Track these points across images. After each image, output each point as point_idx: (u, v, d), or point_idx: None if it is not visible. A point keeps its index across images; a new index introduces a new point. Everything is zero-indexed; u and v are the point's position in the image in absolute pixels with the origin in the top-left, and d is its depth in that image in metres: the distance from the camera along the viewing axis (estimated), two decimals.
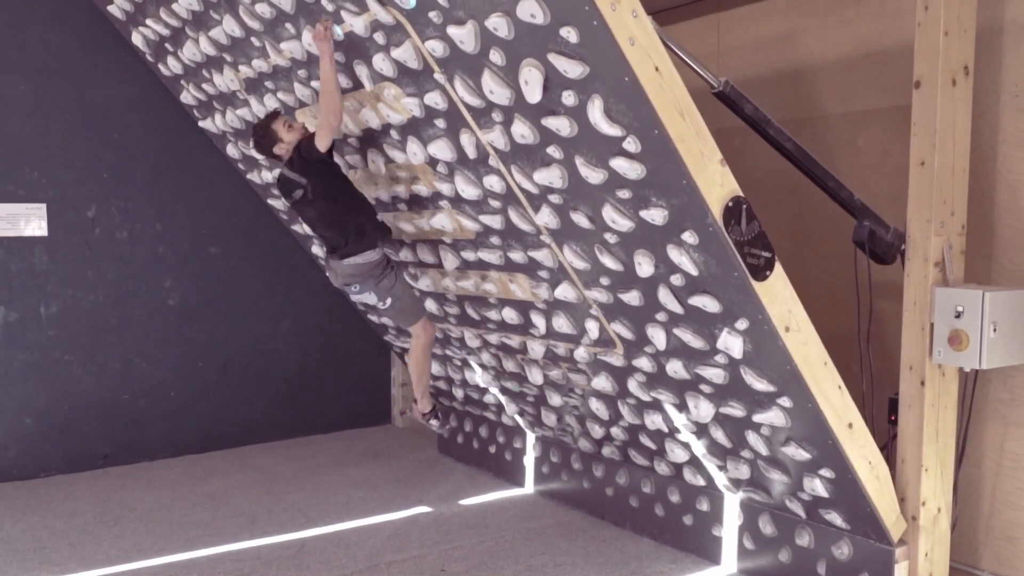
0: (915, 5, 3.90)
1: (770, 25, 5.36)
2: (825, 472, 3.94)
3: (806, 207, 5.16)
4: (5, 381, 6.04)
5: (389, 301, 4.89)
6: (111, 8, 5.73)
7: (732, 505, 4.62)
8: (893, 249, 4.06)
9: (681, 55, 3.56)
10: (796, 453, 3.96)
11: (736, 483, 4.50)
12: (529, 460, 5.96)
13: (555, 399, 5.21)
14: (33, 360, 6.13)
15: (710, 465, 4.55)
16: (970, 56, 3.90)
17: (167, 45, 5.60)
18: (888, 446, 4.27)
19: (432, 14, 3.53)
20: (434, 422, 5.51)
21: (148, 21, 5.48)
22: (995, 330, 3.82)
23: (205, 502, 5.69)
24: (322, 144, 4.38)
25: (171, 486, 6.02)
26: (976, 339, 3.81)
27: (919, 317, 4.00)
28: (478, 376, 5.85)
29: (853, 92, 4.94)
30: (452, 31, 3.46)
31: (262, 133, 4.64)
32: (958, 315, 3.84)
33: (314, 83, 4.67)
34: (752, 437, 4.10)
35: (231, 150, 6.21)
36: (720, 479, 4.58)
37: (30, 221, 6.08)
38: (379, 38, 3.94)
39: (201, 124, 6.21)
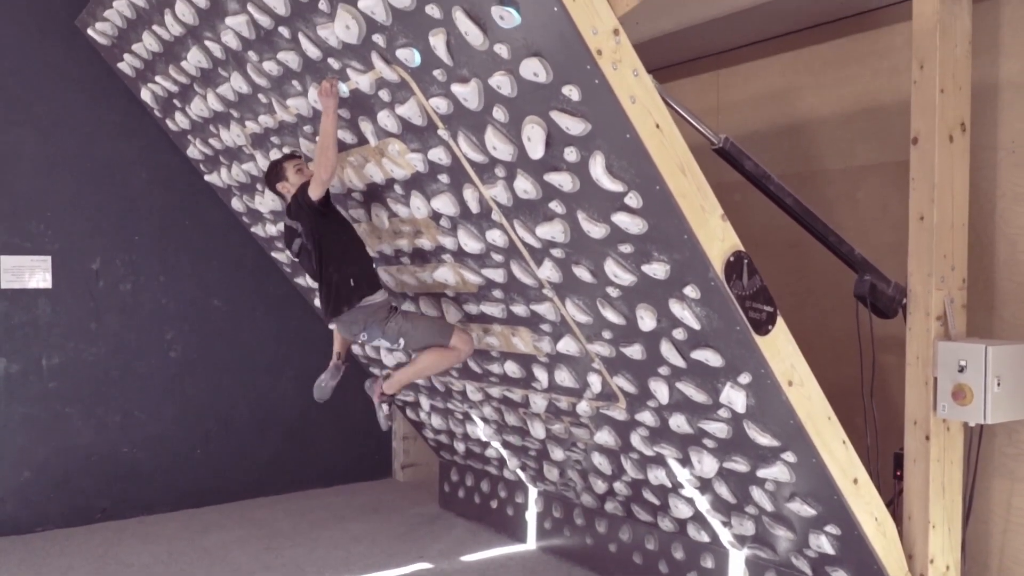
0: (910, 63, 3.97)
1: (768, 82, 5.44)
2: (831, 529, 3.90)
3: (807, 261, 5.18)
4: (5, 433, 6.01)
5: (402, 342, 4.74)
6: (121, 65, 5.83)
7: (737, 562, 4.56)
8: (895, 303, 4.07)
9: (682, 112, 3.61)
10: (801, 509, 3.92)
11: (741, 539, 4.45)
12: (531, 515, 5.90)
13: (557, 453, 5.18)
14: (33, 413, 6.11)
15: (714, 521, 4.50)
16: (966, 113, 3.96)
17: (175, 101, 5.68)
18: (894, 502, 4.23)
19: (436, 72, 3.59)
20: (384, 408, 5.13)
21: (157, 78, 5.57)
22: (999, 384, 3.81)
23: (202, 558, 5.62)
24: (313, 193, 4.38)
25: (169, 541, 5.96)
26: (980, 393, 3.80)
27: (922, 371, 3.99)
28: (480, 430, 5.82)
29: (852, 147, 5.00)
30: (456, 89, 3.52)
31: (273, 167, 4.73)
32: (961, 369, 3.84)
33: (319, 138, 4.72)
34: (757, 493, 4.07)
35: (236, 203, 6.26)
36: (725, 535, 4.53)
37: (35, 273, 6.11)
38: (384, 95, 4.00)
39: (207, 178, 6.28)
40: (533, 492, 5.87)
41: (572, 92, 3.12)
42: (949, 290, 3.96)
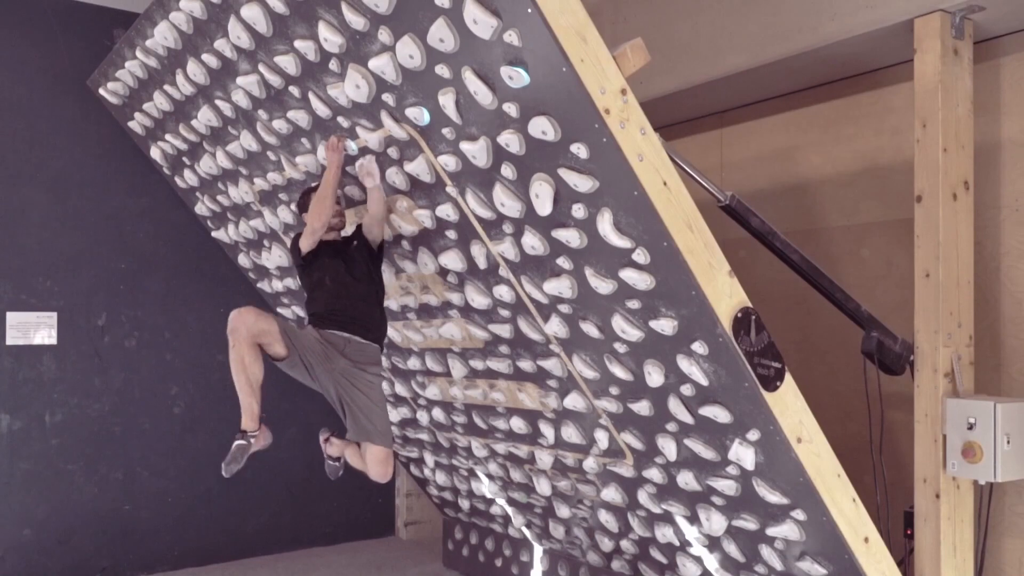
0: (911, 123, 4.03)
1: (771, 140, 5.51)
2: None
3: (813, 318, 5.19)
4: (6, 491, 5.96)
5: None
6: (131, 124, 5.91)
7: None
8: (902, 360, 4.07)
9: (688, 170, 3.65)
10: (812, 568, 3.87)
11: None
12: (536, 574, 5.81)
13: (563, 510, 5.12)
14: (35, 469, 6.06)
15: None
16: (969, 171, 4.01)
17: (184, 159, 5.75)
18: (905, 561, 4.18)
19: (445, 130, 3.64)
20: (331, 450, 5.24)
21: (167, 136, 5.65)
22: (1008, 442, 3.79)
23: None
24: (304, 244, 4.35)
25: None
26: (990, 451, 3.78)
27: (931, 429, 3.98)
28: (485, 486, 5.76)
29: (855, 205, 5.04)
30: (464, 147, 3.57)
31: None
32: (971, 427, 3.83)
33: None
34: (766, 551, 4.02)
35: (243, 259, 6.29)
36: None
37: (40, 329, 6.12)
38: (393, 153, 4.05)
39: (214, 234, 6.32)
40: (538, 550, 5.80)
41: (580, 150, 3.17)
42: (956, 347, 3.96)
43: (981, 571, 4.15)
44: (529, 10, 2.91)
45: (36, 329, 6.11)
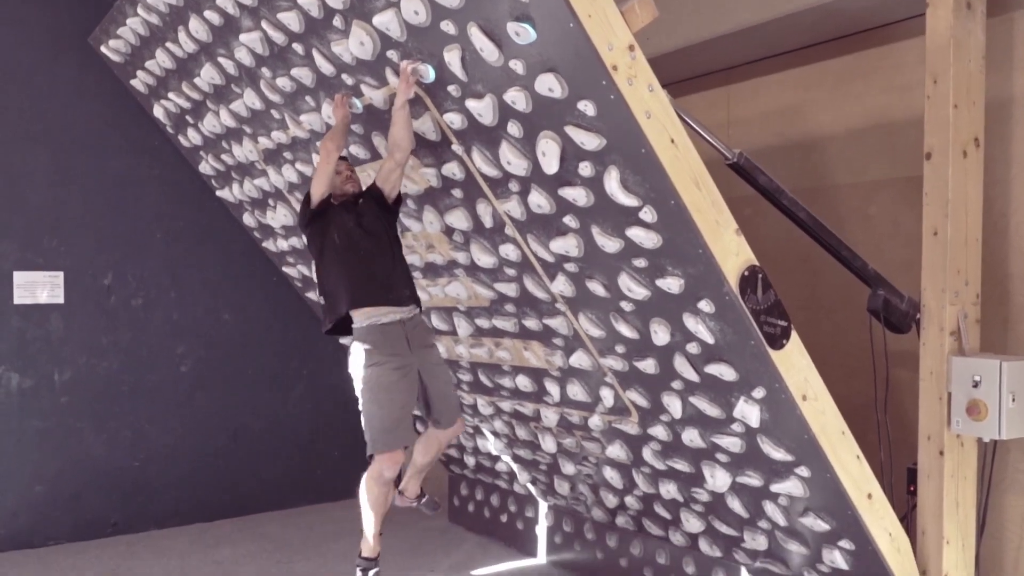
0: (921, 79, 3.99)
1: (779, 97, 5.46)
2: (845, 544, 3.89)
3: (819, 276, 5.18)
4: (18, 448, 6.02)
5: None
6: (134, 82, 5.88)
7: None
8: (908, 318, 4.07)
9: (696, 127, 3.63)
10: (815, 524, 3.91)
11: (753, 554, 4.43)
12: (541, 529, 5.88)
13: (568, 467, 5.17)
14: (46, 427, 6.12)
15: (727, 536, 4.48)
16: (980, 128, 3.97)
17: (188, 117, 5.72)
18: (908, 517, 4.22)
19: (451, 88, 3.61)
20: (423, 501, 4.90)
21: (170, 94, 5.61)
22: (1014, 400, 3.80)
23: (213, 572, 5.62)
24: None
25: (180, 555, 5.95)
26: (995, 409, 3.79)
27: (936, 387, 3.99)
28: (490, 444, 5.81)
29: (863, 163, 5.01)
30: (470, 104, 3.54)
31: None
32: (975, 385, 3.83)
33: None
34: (770, 507, 4.06)
35: (247, 219, 6.29)
36: (738, 554, 4.51)
37: (47, 289, 6.14)
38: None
39: (219, 193, 6.31)
40: (543, 506, 5.86)
41: (587, 107, 3.14)
42: (963, 305, 3.95)
43: (983, 528, 4.19)
44: None
45: (43, 288, 6.13)
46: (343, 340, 4.35)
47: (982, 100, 3.94)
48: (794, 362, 3.48)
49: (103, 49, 5.82)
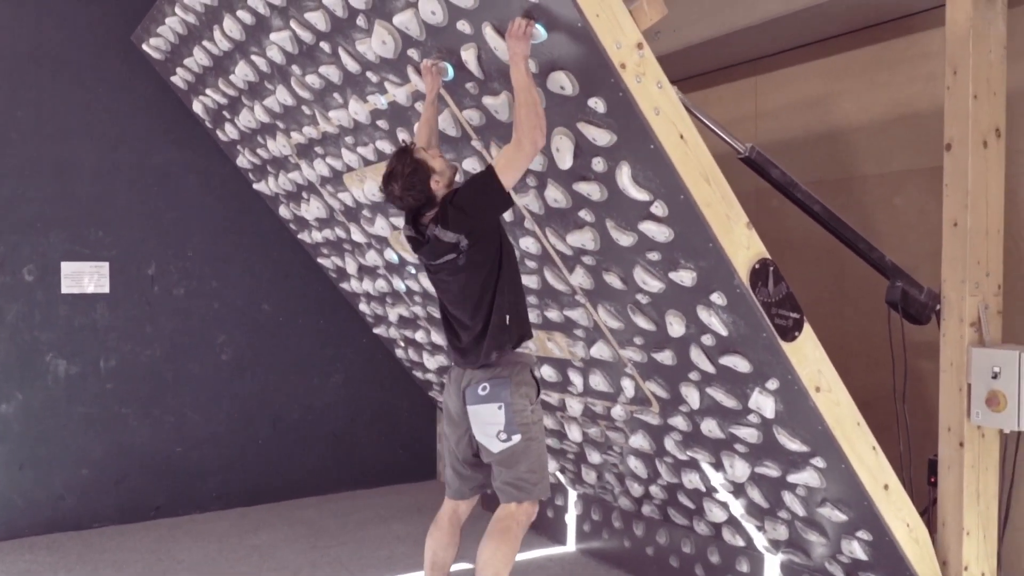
0: (945, 69, 3.97)
1: (806, 88, 5.45)
2: (863, 534, 3.91)
3: (846, 266, 5.17)
4: (65, 432, 6.27)
5: (517, 438, 3.55)
6: (174, 79, 6.05)
7: (773, 567, 4.58)
8: (927, 309, 4.07)
9: (707, 123, 3.66)
10: (833, 514, 3.94)
11: (775, 544, 4.47)
12: (571, 518, 5.97)
13: (595, 456, 5.25)
14: (91, 412, 6.36)
15: (749, 525, 4.53)
16: (1001, 119, 3.94)
17: (225, 113, 5.89)
18: (929, 509, 4.22)
19: (469, 85, 3.70)
20: None
21: (208, 91, 5.78)
22: None
23: (251, 555, 5.80)
24: (511, 178, 3.34)
25: (219, 538, 6.15)
26: (1015, 400, 3.78)
27: (956, 378, 3.98)
28: None
29: (889, 153, 4.99)
30: (487, 101, 3.62)
31: (412, 169, 3.51)
32: (995, 376, 3.82)
33: (360, 149, 4.86)
34: (788, 497, 4.09)
35: (283, 211, 6.45)
36: (759, 540, 4.55)
37: (93, 279, 6.36)
38: (420, 107, 4.11)
39: (255, 186, 6.48)
40: (572, 495, 5.95)
41: (598, 104, 3.20)
42: (983, 296, 3.94)
43: (1006, 520, 4.18)
44: None
45: (90, 278, 6.35)
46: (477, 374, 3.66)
47: (1003, 90, 3.91)
48: (807, 353, 3.51)
49: (145, 47, 6.00)
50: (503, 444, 3.50)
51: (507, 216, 4.03)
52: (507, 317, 3.50)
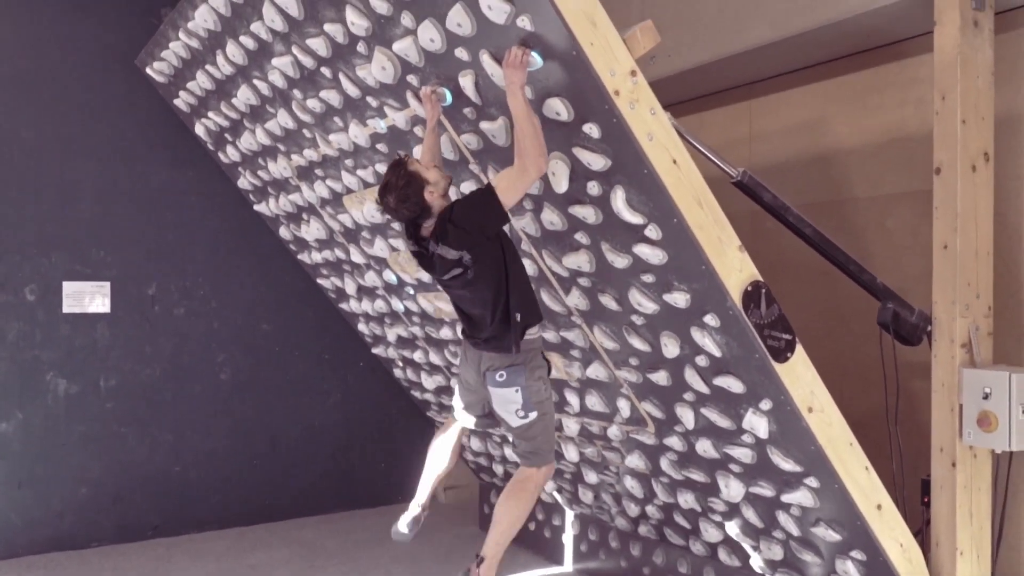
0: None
1: (799, 111, 5.53)
2: (857, 554, 3.95)
3: (840, 287, 5.21)
4: (64, 451, 6.30)
5: (533, 415, 3.80)
6: (177, 101, 6.13)
7: None
8: (918, 330, 4.12)
9: (700, 147, 3.73)
10: (826, 534, 3.97)
11: (771, 564, 4.49)
12: (568, 537, 5.99)
13: (591, 476, 5.28)
14: (91, 431, 6.39)
15: (744, 545, 4.56)
16: (989, 143, 4.01)
17: (227, 135, 5.96)
18: (923, 529, 4.25)
19: (466, 110, 3.77)
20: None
21: (210, 113, 5.85)
22: None
23: (249, 575, 5.81)
24: (511, 199, 3.43)
25: (217, 558, 6.17)
26: (1005, 420, 3.83)
27: (948, 398, 4.03)
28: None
29: (881, 176, 5.06)
30: (484, 126, 3.69)
31: (406, 181, 3.56)
32: (986, 396, 3.87)
33: (359, 171, 4.93)
34: (783, 517, 4.13)
35: (283, 232, 6.51)
36: (755, 560, 4.58)
37: (94, 298, 6.41)
38: (419, 131, 4.19)
39: (256, 207, 6.54)
40: (570, 515, 5.97)
41: (592, 130, 3.27)
42: (974, 317, 4.00)
43: (1000, 539, 4.21)
44: None
45: (91, 298, 6.41)
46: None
47: (991, 115, 3.98)
48: (799, 375, 3.56)
49: (148, 70, 6.08)
50: (521, 420, 3.80)
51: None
52: (519, 316, 3.69)
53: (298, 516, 7.19)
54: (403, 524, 4.36)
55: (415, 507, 4.39)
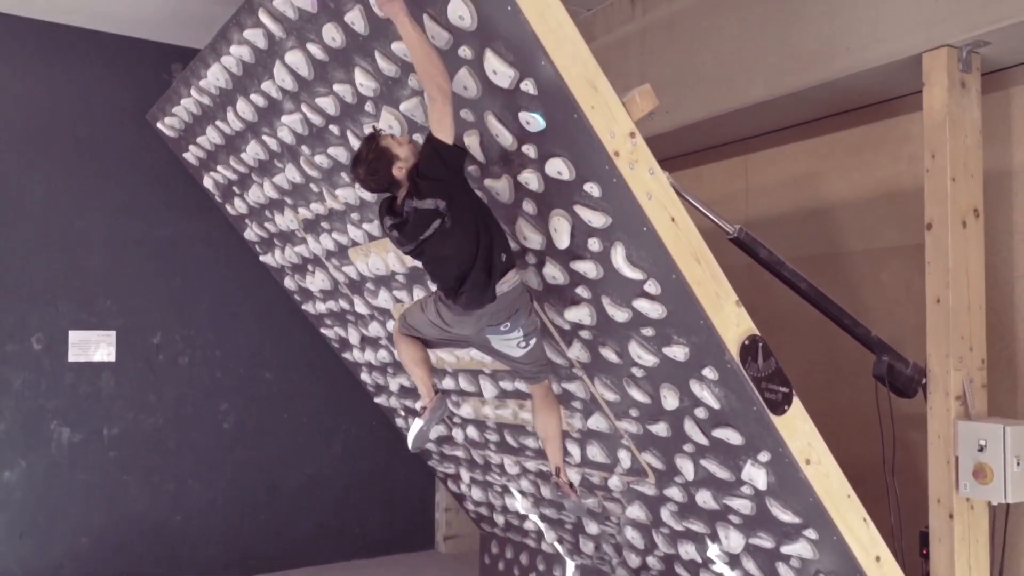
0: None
1: (794, 166, 5.66)
2: None
3: (836, 340, 5.27)
4: (66, 500, 6.32)
5: (533, 342, 3.98)
6: (186, 155, 6.27)
7: None
8: (913, 383, 4.19)
9: (697, 205, 3.84)
10: None
11: None
12: None
13: (592, 527, 5.30)
14: (93, 480, 6.41)
15: None
16: (979, 199, 4.13)
17: (235, 188, 6.08)
18: None
19: (471, 168, 3.88)
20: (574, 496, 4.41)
21: (219, 167, 5.98)
22: (1018, 463, 3.89)
23: None
24: (443, 132, 3.38)
25: None
26: (1000, 472, 3.88)
27: (944, 450, 4.09)
28: (518, 503, 5.97)
29: (874, 230, 5.17)
30: (489, 183, 3.80)
31: (375, 156, 3.58)
32: (981, 448, 3.94)
33: (365, 225, 5.04)
34: (783, 568, 4.16)
35: (288, 282, 6.60)
36: None
37: (100, 347, 6.48)
38: None
39: (262, 259, 6.63)
40: (571, 565, 5.97)
41: (593, 189, 3.38)
42: (968, 370, 4.07)
43: None
44: (543, 62, 3.14)
45: (96, 347, 6.47)
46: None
47: (980, 173, 4.11)
48: (796, 427, 3.62)
49: (159, 125, 6.22)
50: (523, 350, 4.02)
51: None
52: (503, 255, 3.70)
53: (298, 566, 7.17)
54: (417, 426, 4.14)
55: (428, 401, 4.16)
